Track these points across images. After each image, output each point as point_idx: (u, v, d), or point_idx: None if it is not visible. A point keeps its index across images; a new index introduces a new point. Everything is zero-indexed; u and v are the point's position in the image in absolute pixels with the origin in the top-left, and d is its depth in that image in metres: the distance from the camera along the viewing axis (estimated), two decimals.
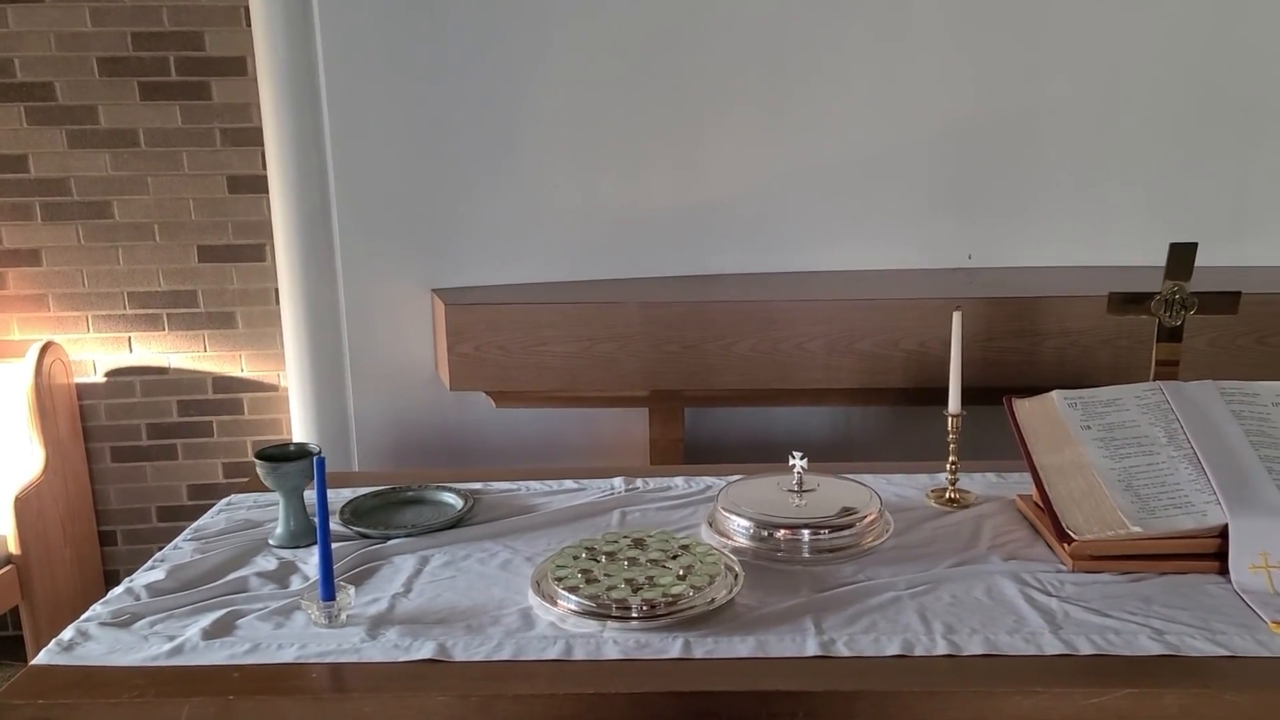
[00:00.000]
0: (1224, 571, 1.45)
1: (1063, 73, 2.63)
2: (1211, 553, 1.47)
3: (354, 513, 1.73)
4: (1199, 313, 1.73)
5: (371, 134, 2.55)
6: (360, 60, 2.50)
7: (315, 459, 1.39)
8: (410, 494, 1.82)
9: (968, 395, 1.97)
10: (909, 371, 2.46)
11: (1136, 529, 1.45)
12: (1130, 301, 1.74)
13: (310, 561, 1.58)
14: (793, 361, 2.48)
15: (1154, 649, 1.29)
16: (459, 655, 1.32)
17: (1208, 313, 1.74)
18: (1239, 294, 1.73)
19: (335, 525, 1.70)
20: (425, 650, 1.32)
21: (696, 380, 2.51)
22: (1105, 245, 2.68)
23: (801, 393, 2.55)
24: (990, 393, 1.77)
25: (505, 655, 1.32)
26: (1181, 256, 1.69)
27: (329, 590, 1.39)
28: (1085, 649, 1.30)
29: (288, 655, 1.32)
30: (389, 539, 1.65)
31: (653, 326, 2.48)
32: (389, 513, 1.76)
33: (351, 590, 1.43)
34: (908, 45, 2.62)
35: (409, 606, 1.45)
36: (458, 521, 1.70)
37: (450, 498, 1.78)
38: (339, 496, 1.83)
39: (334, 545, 1.59)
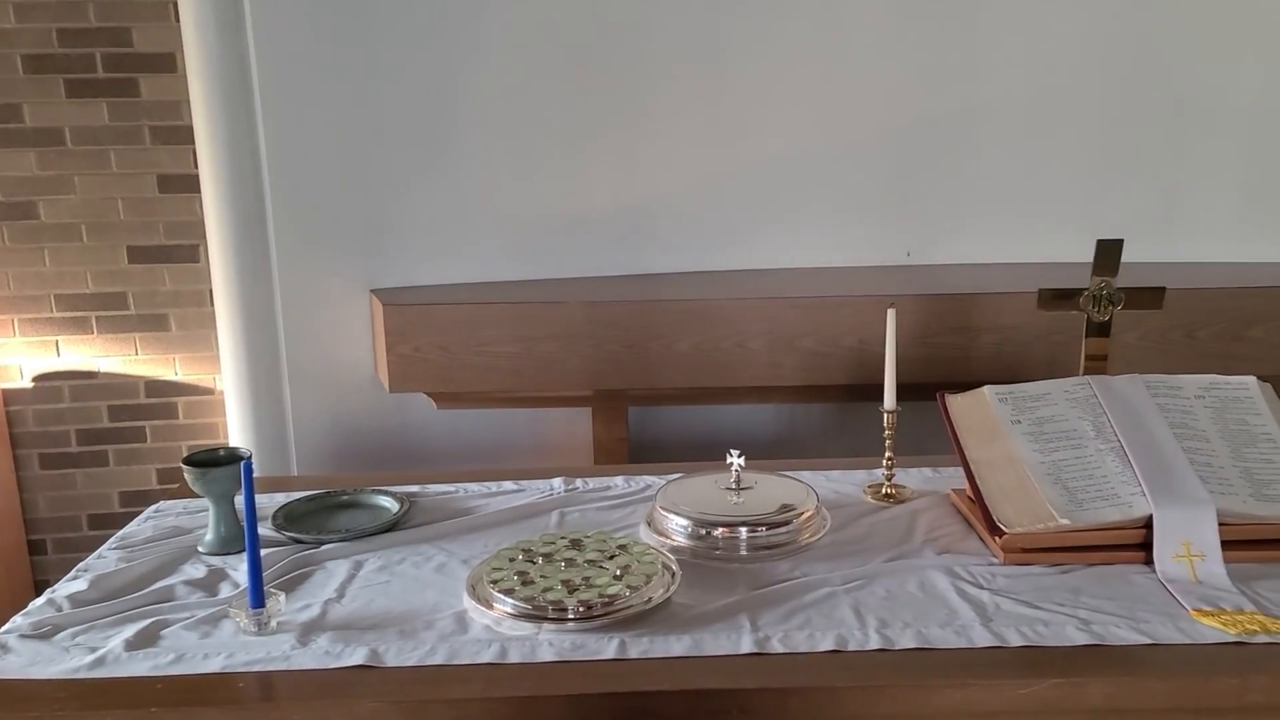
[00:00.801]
0: (1149, 562, 1.48)
1: (996, 73, 2.66)
2: (1137, 543, 1.50)
3: (287, 517, 1.70)
4: (1126, 308, 1.76)
5: (307, 131, 2.50)
6: (294, 56, 2.46)
7: (243, 464, 1.37)
8: (345, 498, 1.79)
9: (907, 391, 1.99)
10: (849, 368, 2.48)
11: (1065, 521, 1.48)
12: (1059, 297, 1.77)
13: (240, 568, 1.55)
14: (735, 360, 2.48)
15: (1081, 639, 1.31)
16: (391, 661, 1.30)
17: (1134, 308, 1.77)
18: (1163, 289, 1.77)
19: (267, 530, 1.67)
20: (357, 656, 1.30)
21: (639, 379, 2.51)
22: (1040, 242, 2.72)
23: (744, 391, 2.56)
24: (929, 388, 1.79)
25: (438, 660, 1.30)
26: (1108, 253, 1.73)
27: (258, 597, 1.36)
28: (1015, 640, 1.31)
29: (214, 665, 1.29)
30: (322, 544, 1.62)
31: (595, 326, 2.47)
32: (323, 517, 1.74)
33: (282, 597, 1.41)
34: (845, 45, 2.64)
35: (341, 612, 1.43)
36: (393, 525, 1.68)
37: (386, 501, 1.76)
38: (273, 501, 1.80)
39: (266, 551, 1.57)
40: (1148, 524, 1.48)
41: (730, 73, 2.65)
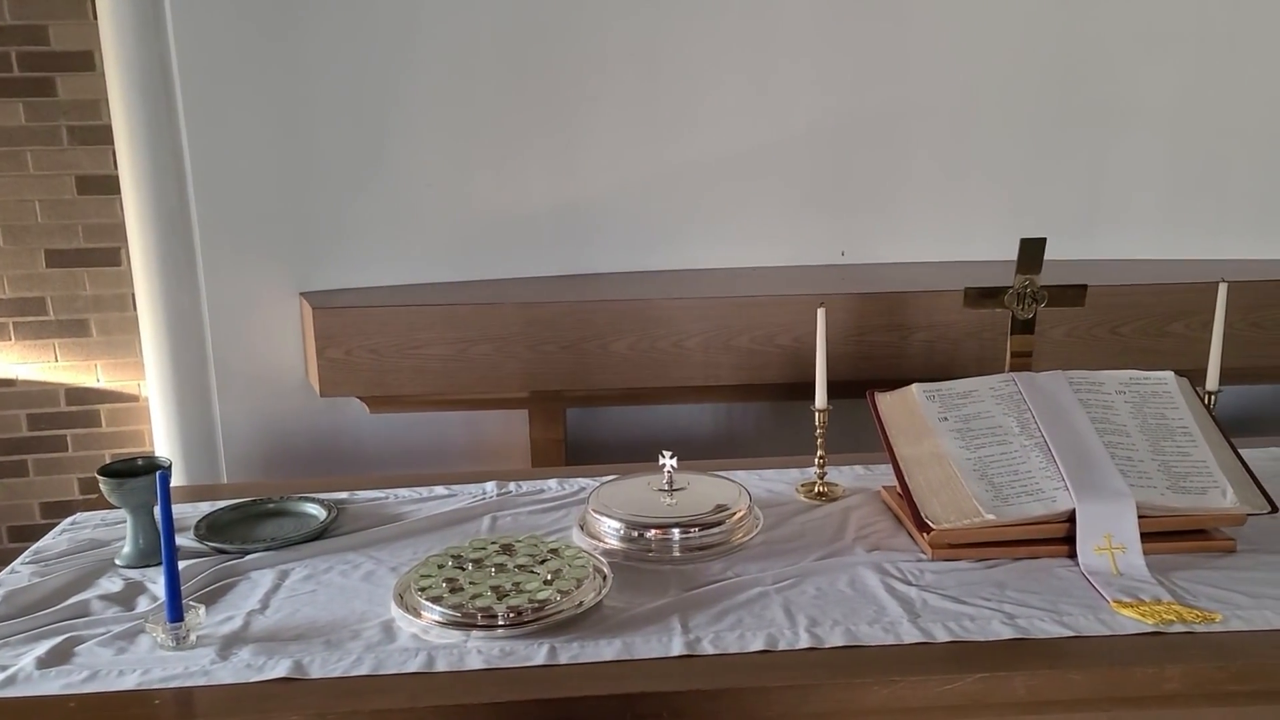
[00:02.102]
0: (1073, 555, 1.50)
1: (926, 74, 2.69)
2: (1061, 537, 1.52)
3: (210, 527, 1.66)
4: (1049, 305, 1.79)
5: (231, 130, 2.44)
6: (216, 53, 2.40)
7: (159, 474, 1.33)
8: (271, 506, 1.75)
9: (842, 389, 2.01)
10: (785, 367, 2.49)
11: (990, 516, 1.50)
12: (985, 296, 1.80)
13: (160, 581, 1.50)
14: (671, 360, 2.48)
15: (1006, 633, 1.33)
16: (315, 672, 1.27)
17: (1057, 305, 1.80)
18: (1085, 287, 1.80)
19: (190, 541, 1.63)
20: (280, 669, 1.27)
21: (576, 380, 2.50)
22: (971, 240, 2.76)
23: (681, 390, 2.56)
24: (863, 386, 1.80)
25: (364, 670, 1.28)
26: (1031, 251, 1.76)
27: (176, 611, 1.32)
28: (941, 636, 1.33)
29: (129, 682, 1.26)
30: (247, 554, 1.58)
31: (530, 327, 2.45)
32: (249, 526, 1.70)
33: (202, 610, 1.37)
34: (778, 45, 2.65)
35: (265, 624, 1.39)
36: (321, 533, 1.65)
37: (313, 509, 1.73)
38: (197, 511, 1.75)
39: (188, 563, 1.54)
40: (1071, 518, 1.51)
41: (665, 73, 2.65)
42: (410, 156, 2.57)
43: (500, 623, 1.35)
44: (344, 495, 1.83)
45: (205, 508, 1.76)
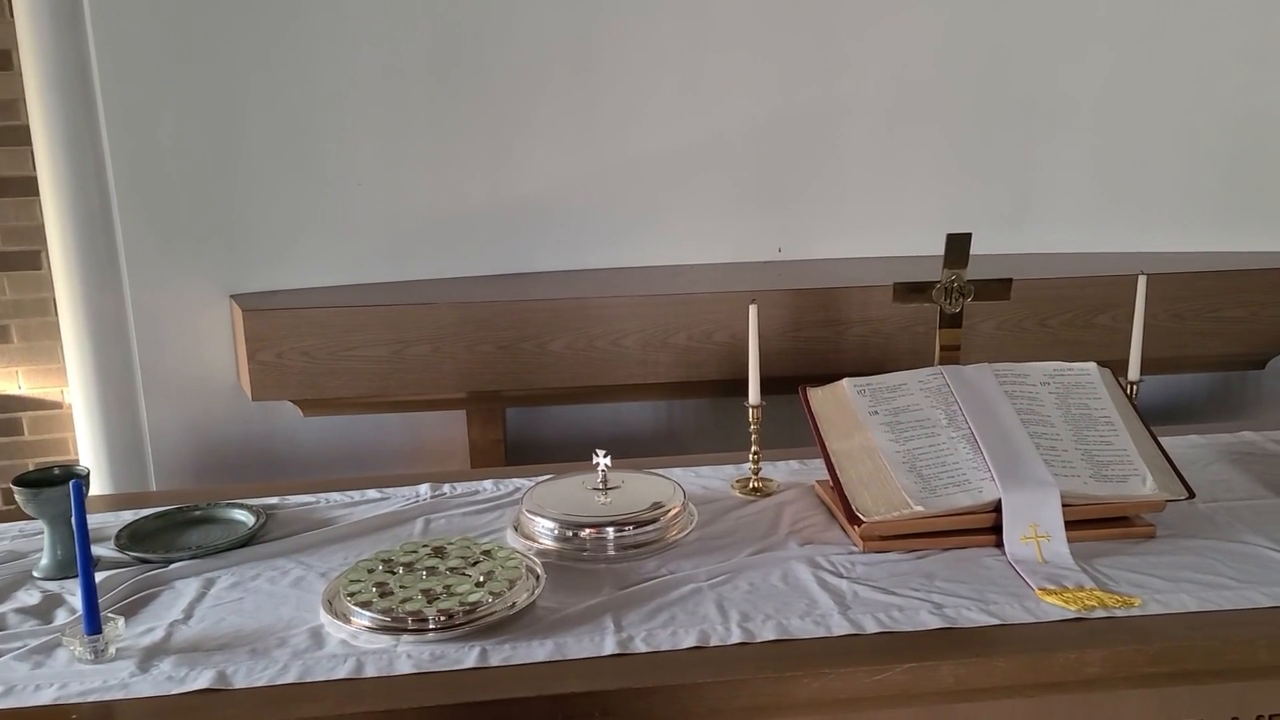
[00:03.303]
0: (1000, 544, 1.53)
1: (858, 72, 2.72)
2: (988, 527, 1.55)
3: (132, 537, 1.61)
4: (976, 299, 1.82)
5: (155, 130, 2.39)
6: (137, 51, 2.34)
7: (72, 484, 1.29)
8: (198, 513, 1.71)
9: (778, 384, 2.02)
10: (723, 364, 2.50)
11: (919, 508, 1.52)
12: (913, 291, 1.82)
13: (79, 593, 1.46)
14: (609, 358, 2.48)
15: (933, 623, 1.35)
16: (240, 682, 1.25)
17: (984, 299, 1.83)
18: (1010, 281, 1.84)
19: (111, 552, 1.58)
20: (203, 680, 1.25)
21: (513, 380, 2.48)
22: (904, 235, 2.80)
23: (620, 389, 2.56)
24: (800, 380, 1.82)
25: (290, 678, 1.26)
26: (957, 246, 1.78)
27: (94, 623, 1.29)
28: (871, 627, 1.34)
29: (45, 697, 1.22)
30: (171, 563, 1.55)
31: (467, 327, 2.43)
32: (173, 535, 1.66)
33: (121, 621, 1.34)
34: (712, 44, 2.66)
35: (188, 634, 1.36)
36: (248, 540, 1.62)
37: (241, 515, 1.69)
38: (121, 520, 1.71)
39: (109, 573, 1.50)
40: (997, 508, 1.53)
41: (601, 72, 2.64)
42: (342, 156, 2.54)
43: (431, 626, 1.34)
44: (274, 500, 1.79)
45: (129, 516, 1.72)
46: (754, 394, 1.76)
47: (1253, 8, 2.72)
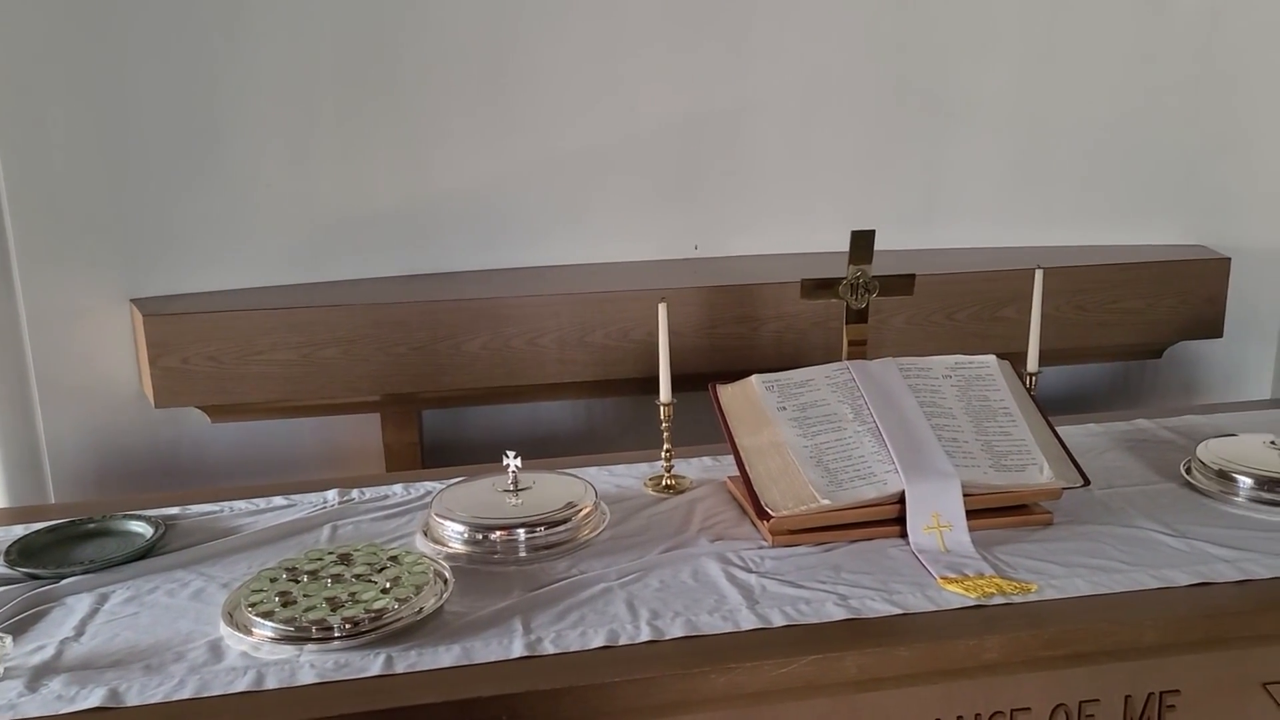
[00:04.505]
0: (904, 534, 1.56)
1: (771, 71, 2.74)
2: (893, 518, 1.58)
3: (22, 552, 1.55)
4: (881, 294, 1.86)
5: (48, 128, 2.29)
6: (27, 44, 2.25)
7: None
8: (92, 526, 1.65)
9: (695, 381, 2.02)
10: (641, 362, 2.51)
11: (825, 501, 1.54)
12: (820, 287, 1.85)
13: None
14: (525, 358, 2.47)
15: (839, 614, 1.37)
16: (133, 699, 1.21)
17: (889, 294, 1.87)
18: (914, 276, 1.87)
19: None
20: (94, 698, 1.21)
21: (428, 382, 2.45)
22: (817, 232, 2.83)
23: (537, 388, 2.55)
24: (716, 377, 1.83)
25: (187, 693, 1.23)
26: (861, 243, 1.81)
27: None
28: (778, 621, 1.36)
29: None
30: (63, 578, 1.49)
31: (379, 329, 2.39)
32: (66, 549, 1.60)
33: (8, 640, 1.29)
34: (627, 41, 2.66)
35: (80, 651, 1.32)
36: (146, 552, 1.57)
37: (139, 526, 1.64)
38: (11, 534, 1.64)
39: None
40: (901, 499, 1.56)
41: (513, 68, 2.62)
42: (246, 154, 2.47)
43: (335, 635, 1.32)
44: (174, 511, 1.74)
45: (20, 531, 1.65)
46: (665, 392, 1.76)
47: (1145, 9, 2.81)
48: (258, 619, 1.34)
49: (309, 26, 2.46)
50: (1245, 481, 1.68)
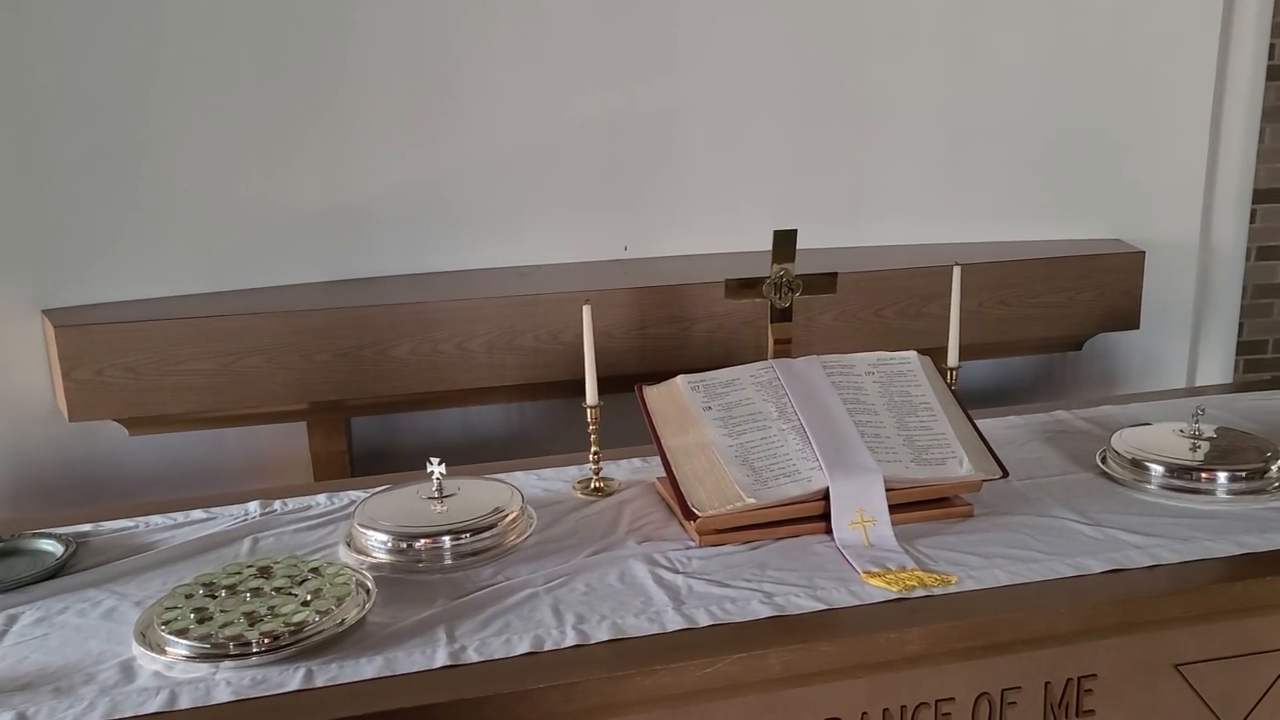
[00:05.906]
0: (829, 531, 1.57)
1: (697, 71, 2.76)
2: (818, 514, 1.59)
3: None
4: (805, 293, 1.87)
5: None
6: None
7: None
8: (0, 545, 1.59)
9: (625, 382, 2.01)
10: (571, 364, 2.49)
11: (751, 500, 1.55)
12: (744, 286, 1.85)
13: None
14: (454, 362, 2.45)
15: (764, 612, 1.38)
16: None
17: (812, 293, 1.88)
18: (835, 275, 1.89)
19: None
20: None
21: (355, 389, 2.42)
22: (745, 231, 2.84)
23: (467, 393, 2.53)
24: (647, 378, 1.83)
25: (97, 715, 1.19)
26: (784, 242, 1.82)
27: None
28: (704, 620, 1.36)
29: None
30: None
31: (302, 336, 2.35)
32: None
33: None
34: (551, 41, 2.65)
35: None
36: (56, 571, 1.52)
37: (49, 545, 1.58)
38: None
39: None
40: (826, 495, 1.58)
41: (435, 70, 2.60)
42: (162, 160, 2.41)
43: (254, 650, 1.29)
44: (87, 528, 1.68)
45: None
46: (591, 394, 1.76)
47: (1062, 11, 2.88)
48: (171, 637, 1.30)
49: (226, 30, 2.41)
50: (1157, 469, 1.73)
